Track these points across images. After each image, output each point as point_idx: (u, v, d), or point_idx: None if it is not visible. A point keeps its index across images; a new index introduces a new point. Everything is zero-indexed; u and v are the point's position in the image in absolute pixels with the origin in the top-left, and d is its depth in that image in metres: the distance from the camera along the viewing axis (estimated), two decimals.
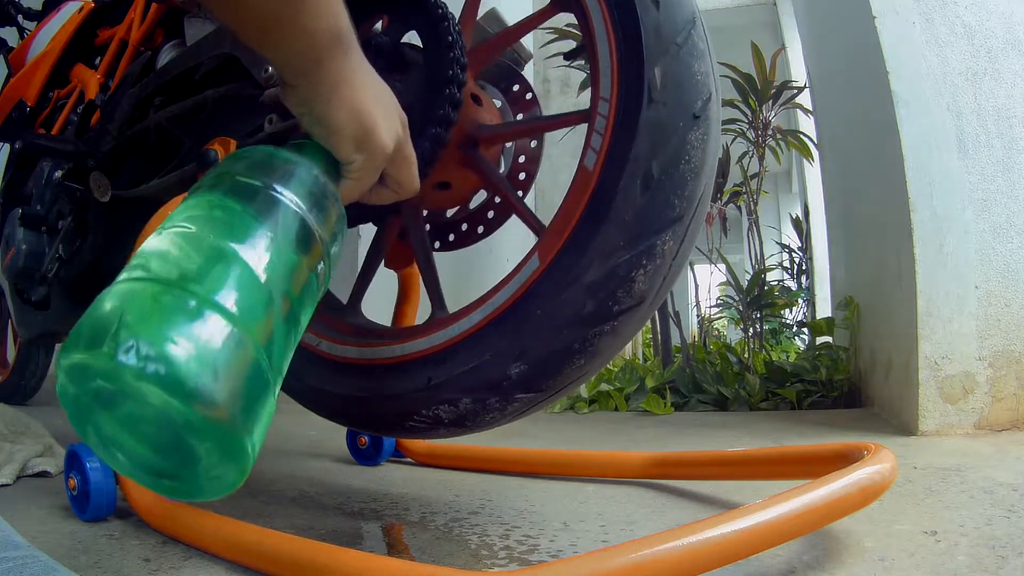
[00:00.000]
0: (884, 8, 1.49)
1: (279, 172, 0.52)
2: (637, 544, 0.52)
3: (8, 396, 2.06)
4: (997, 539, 0.70)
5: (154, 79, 0.97)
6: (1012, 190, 1.40)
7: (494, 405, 0.71)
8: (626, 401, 2.12)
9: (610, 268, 0.66)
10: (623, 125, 0.67)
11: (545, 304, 0.68)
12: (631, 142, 0.66)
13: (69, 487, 0.85)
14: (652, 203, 0.66)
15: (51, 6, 1.38)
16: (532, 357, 0.68)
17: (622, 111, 0.68)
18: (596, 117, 0.70)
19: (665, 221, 0.66)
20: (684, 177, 0.66)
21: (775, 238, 4.38)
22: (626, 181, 0.66)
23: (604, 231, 0.66)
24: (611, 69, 0.69)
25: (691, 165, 0.67)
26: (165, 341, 0.39)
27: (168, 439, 0.41)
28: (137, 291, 0.42)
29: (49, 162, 1.16)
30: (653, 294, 0.68)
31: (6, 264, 1.16)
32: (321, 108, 0.54)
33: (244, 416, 0.41)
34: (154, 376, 0.38)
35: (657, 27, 0.68)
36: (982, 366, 1.35)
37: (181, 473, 0.43)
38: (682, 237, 0.68)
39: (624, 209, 0.66)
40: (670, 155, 0.66)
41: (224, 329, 0.41)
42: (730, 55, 2.25)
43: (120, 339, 0.38)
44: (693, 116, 0.67)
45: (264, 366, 0.43)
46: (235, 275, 0.44)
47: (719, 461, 0.95)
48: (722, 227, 3.31)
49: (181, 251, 0.45)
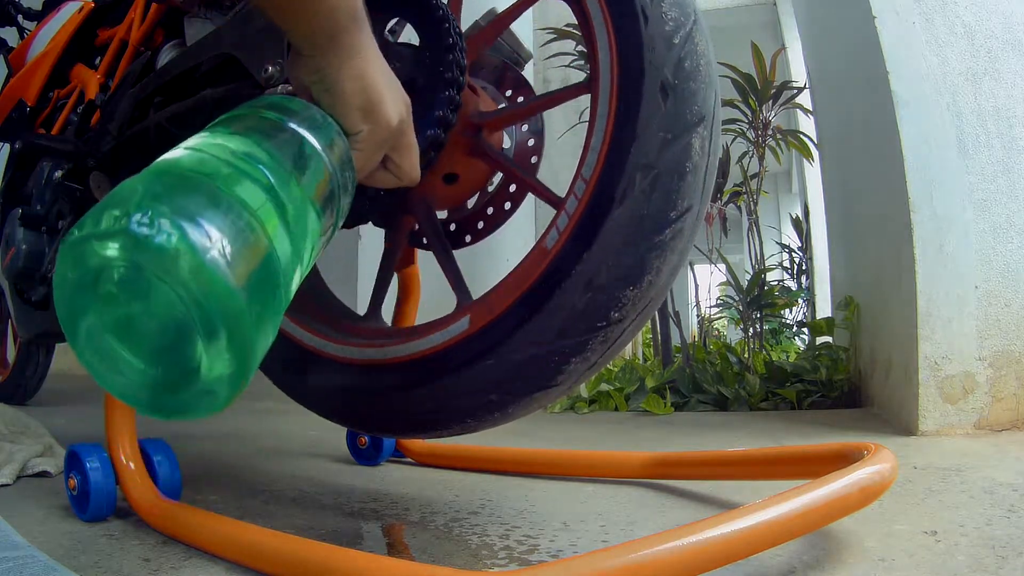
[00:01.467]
0: (884, 8, 1.49)
1: (300, 115, 0.54)
2: (637, 544, 0.52)
3: (8, 396, 2.06)
4: (997, 539, 0.70)
5: (154, 79, 0.97)
6: (1012, 190, 1.40)
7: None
8: (626, 401, 2.12)
9: (537, 352, 0.68)
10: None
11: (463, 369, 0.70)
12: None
13: (69, 487, 0.85)
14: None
15: (51, 6, 1.38)
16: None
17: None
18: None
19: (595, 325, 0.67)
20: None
21: (775, 238, 4.38)
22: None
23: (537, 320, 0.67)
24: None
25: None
26: (181, 214, 0.38)
27: (167, 340, 0.39)
28: (157, 172, 0.42)
29: (49, 162, 1.16)
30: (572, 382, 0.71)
31: (6, 264, 1.16)
32: (333, 76, 0.57)
33: (253, 304, 0.39)
34: (167, 245, 0.36)
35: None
36: (982, 366, 1.35)
37: (176, 382, 0.40)
38: (612, 341, 0.69)
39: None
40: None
41: (241, 217, 0.41)
42: (730, 55, 2.25)
43: (135, 208, 0.37)
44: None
45: (276, 264, 0.42)
46: (254, 178, 0.44)
47: (719, 461, 0.95)
48: (722, 227, 3.31)
49: (206, 150, 0.45)
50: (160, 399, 0.42)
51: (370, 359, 0.79)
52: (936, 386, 1.35)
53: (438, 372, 0.72)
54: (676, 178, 0.66)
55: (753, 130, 2.68)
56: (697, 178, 0.67)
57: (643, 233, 0.65)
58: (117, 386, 0.42)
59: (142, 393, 0.42)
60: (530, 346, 0.68)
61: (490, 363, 0.69)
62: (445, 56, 0.76)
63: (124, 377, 0.41)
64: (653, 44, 0.67)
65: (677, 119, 0.66)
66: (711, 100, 0.68)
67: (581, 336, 0.67)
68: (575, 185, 0.69)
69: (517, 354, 0.68)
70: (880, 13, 1.49)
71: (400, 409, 0.76)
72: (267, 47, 0.80)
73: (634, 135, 0.66)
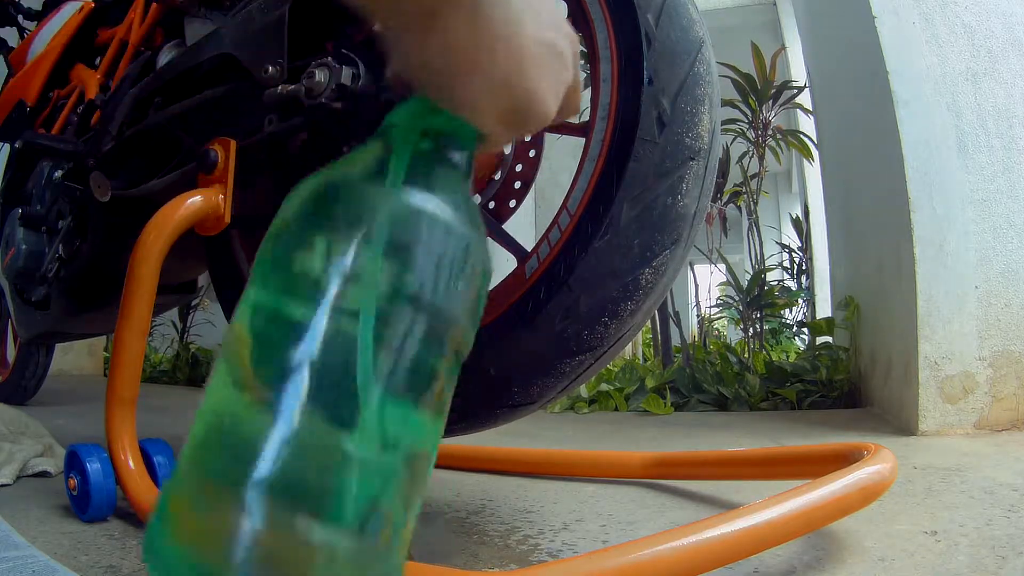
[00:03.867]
0: (884, 8, 1.49)
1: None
2: (637, 544, 0.52)
3: (8, 396, 2.06)
4: (997, 539, 0.70)
5: (154, 79, 0.97)
6: (1012, 190, 1.40)
7: None
8: (626, 401, 2.12)
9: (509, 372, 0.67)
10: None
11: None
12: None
13: (69, 487, 0.85)
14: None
15: (51, 6, 1.38)
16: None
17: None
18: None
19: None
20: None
21: (775, 238, 4.37)
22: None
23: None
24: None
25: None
26: None
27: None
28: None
29: (49, 162, 1.16)
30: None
31: (6, 264, 1.16)
32: (440, 65, 0.36)
33: None
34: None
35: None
36: (982, 366, 1.35)
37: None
38: (592, 361, 0.68)
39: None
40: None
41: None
42: (730, 55, 2.25)
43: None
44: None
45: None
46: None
47: (719, 461, 0.95)
48: (722, 227, 3.31)
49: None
50: None
51: None
52: (936, 386, 1.35)
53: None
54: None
55: (753, 130, 2.68)
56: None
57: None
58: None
59: None
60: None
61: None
62: None
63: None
64: (652, 102, 0.66)
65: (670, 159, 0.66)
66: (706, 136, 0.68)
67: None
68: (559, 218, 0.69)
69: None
70: (880, 13, 1.49)
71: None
72: (267, 47, 0.80)
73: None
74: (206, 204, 0.84)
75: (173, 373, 3.50)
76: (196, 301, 3.51)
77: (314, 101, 0.77)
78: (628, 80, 0.67)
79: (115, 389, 0.83)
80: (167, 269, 0.85)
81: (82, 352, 3.68)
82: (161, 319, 3.68)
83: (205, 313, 3.70)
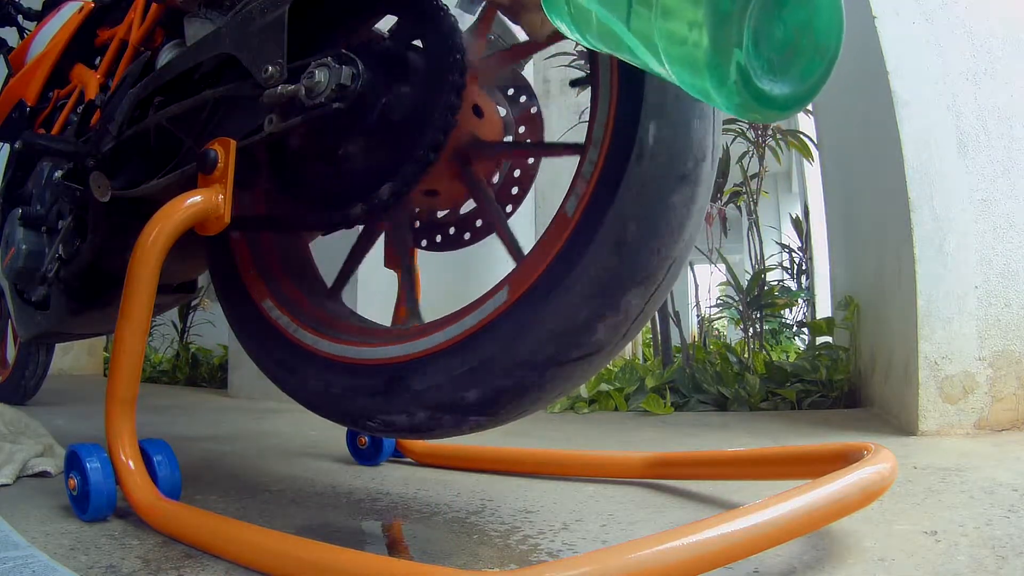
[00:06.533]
0: (884, 8, 1.49)
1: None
2: (637, 544, 0.52)
3: (8, 396, 2.06)
4: (997, 539, 0.70)
5: (154, 79, 0.97)
6: (1012, 190, 1.40)
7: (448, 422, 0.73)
8: (626, 401, 2.12)
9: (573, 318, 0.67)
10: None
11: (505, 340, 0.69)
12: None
13: (69, 487, 0.85)
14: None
15: (51, 6, 1.38)
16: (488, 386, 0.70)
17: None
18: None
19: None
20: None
21: (775, 238, 4.37)
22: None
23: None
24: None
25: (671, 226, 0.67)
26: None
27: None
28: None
29: (49, 162, 1.16)
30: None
31: (6, 264, 1.16)
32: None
33: None
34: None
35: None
36: (982, 366, 1.35)
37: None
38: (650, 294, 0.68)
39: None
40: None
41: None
42: None
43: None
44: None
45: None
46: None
47: (719, 461, 0.95)
48: (722, 227, 3.31)
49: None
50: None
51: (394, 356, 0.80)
52: (936, 386, 1.35)
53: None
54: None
55: (753, 130, 2.68)
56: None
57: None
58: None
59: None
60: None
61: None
62: (444, 76, 0.76)
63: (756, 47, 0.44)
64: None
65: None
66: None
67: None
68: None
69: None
70: (880, 13, 1.49)
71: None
72: (267, 47, 0.80)
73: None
74: (206, 204, 0.84)
75: (173, 373, 3.50)
76: (196, 301, 3.52)
77: (314, 101, 0.77)
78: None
79: (115, 389, 0.83)
80: (167, 269, 0.85)
81: (82, 352, 3.68)
82: (161, 319, 3.69)
83: (205, 313, 3.70)
